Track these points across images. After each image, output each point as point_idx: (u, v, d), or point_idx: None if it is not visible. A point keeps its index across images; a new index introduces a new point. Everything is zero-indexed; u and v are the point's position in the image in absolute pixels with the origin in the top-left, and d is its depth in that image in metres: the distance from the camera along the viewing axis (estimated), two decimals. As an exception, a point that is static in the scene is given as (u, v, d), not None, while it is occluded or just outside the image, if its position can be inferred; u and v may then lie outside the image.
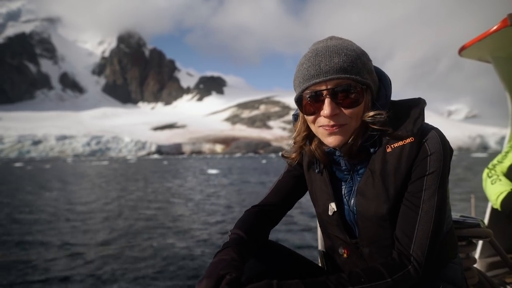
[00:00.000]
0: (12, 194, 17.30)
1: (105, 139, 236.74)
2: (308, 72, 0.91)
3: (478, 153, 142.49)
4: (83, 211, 11.93)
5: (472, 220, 1.38)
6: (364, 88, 0.91)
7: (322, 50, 0.91)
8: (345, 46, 0.92)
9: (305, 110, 0.96)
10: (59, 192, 18.22)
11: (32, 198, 15.41)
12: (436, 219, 0.90)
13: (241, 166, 49.85)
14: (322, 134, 0.96)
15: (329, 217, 1.07)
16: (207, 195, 16.33)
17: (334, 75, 0.88)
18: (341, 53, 0.89)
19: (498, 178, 2.04)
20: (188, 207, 12.74)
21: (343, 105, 0.90)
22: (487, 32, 2.04)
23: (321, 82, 0.90)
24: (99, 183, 23.92)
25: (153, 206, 13.05)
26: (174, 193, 17.57)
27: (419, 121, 0.94)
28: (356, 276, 0.84)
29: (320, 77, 0.89)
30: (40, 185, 21.85)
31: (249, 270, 0.96)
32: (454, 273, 1.06)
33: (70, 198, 15.46)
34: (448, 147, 0.94)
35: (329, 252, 1.16)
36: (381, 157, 0.95)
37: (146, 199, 14.90)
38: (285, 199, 1.18)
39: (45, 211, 11.85)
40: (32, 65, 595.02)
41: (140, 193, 17.48)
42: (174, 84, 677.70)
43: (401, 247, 0.91)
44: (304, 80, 0.93)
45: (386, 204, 0.94)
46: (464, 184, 18.89)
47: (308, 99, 0.93)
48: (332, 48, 0.91)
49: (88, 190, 19.47)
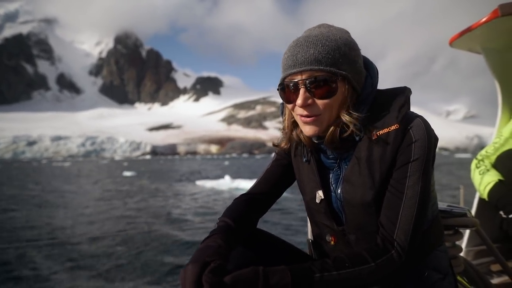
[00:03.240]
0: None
1: (99, 139, 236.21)
2: (287, 62, 0.93)
3: (460, 154, 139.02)
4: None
5: (460, 209, 1.40)
6: (340, 79, 0.91)
7: (302, 40, 0.93)
8: (327, 36, 0.92)
9: (285, 99, 0.98)
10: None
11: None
12: (420, 205, 0.92)
13: (165, 169, 43.57)
14: (300, 123, 0.99)
15: (317, 205, 1.08)
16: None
17: (308, 66, 0.89)
18: (318, 44, 0.90)
19: (486, 169, 2.06)
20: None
21: (316, 96, 0.91)
22: (478, 22, 2.03)
23: (296, 73, 0.92)
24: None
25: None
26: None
27: (404, 108, 0.95)
28: (340, 261, 0.86)
29: (296, 67, 0.91)
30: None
31: (237, 258, 0.97)
32: (439, 261, 1.07)
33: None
34: (433, 135, 0.96)
35: (317, 240, 1.17)
36: (367, 144, 0.96)
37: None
38: (273, 187, 1.18)
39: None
40: (29, 66, 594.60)
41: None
42: (171, 84, 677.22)
43: (385, 233, 0.93)
44: (284, 70, 0.95)
45: (372, 190, 0.95)
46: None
47: (286, 88, 0.95)
48: (312, 38, 0.92)
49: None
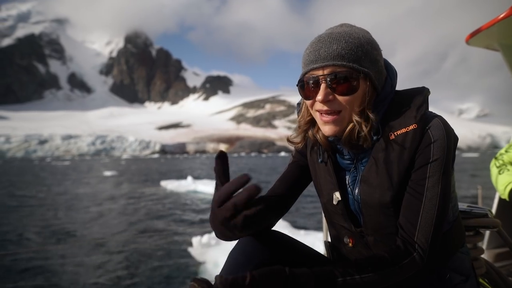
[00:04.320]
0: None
1: (109, 138, 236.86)
2: (309, 58, 0.93)
3: (467, 153, 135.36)
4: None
5: (480, 210, 1.36)
6: (362, 76, 0.90)
7: (325, 36, 0.93)
8: (350, 33, 0.92)
9: (304, 94, 0.98)
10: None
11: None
12: (440, 206, 0.90)
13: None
14: (320, 123, 0.98)
15: (334, 207, 1.07)
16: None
17: (330, 61, 0.89)
18: (341, 40, 0.90)
19: (506, 168, 2.02)
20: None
21: (337, 92, 0.91)
22: (495, 19, 1.98)
23: (318, 68, 0.91)
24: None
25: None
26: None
27: (422, 108, 0.94)
28: (362, 264, 0.85)
29: (318, 62, 0.91)
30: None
31: (255, 258, 0.96)
32: (461, 263, 1.06)
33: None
34: (453, 134, 0.94)
35: (335, 242, 1.16)
36: (384, 145, 0.95)
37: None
38: (290, 189, 1.17)
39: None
40: (41, 66, 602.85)
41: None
42: (181, 83, 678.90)
43: (405, 235, 0.91)
44: (305, 65, 0.95)
45: (390, 191, 0.94)
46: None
47: (307, 83, 0.95)
48: (335, 35, 0.92)
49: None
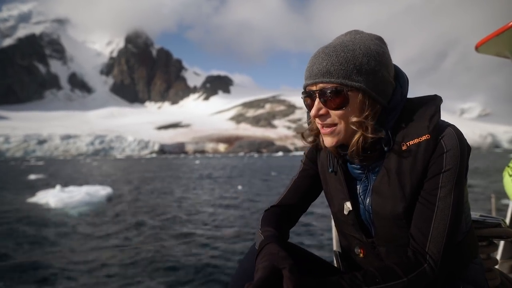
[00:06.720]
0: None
1: (108, 138, 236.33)
2: (306, 73, 0.97)
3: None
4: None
5: (493, 219, 1.33)
6: (353, 90, 0.91)
7: (320, 51, 0.95)
8: (345, 46, 0.92)
9: (307, 106, 1.01)
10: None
11: None
12: (453, 217, 0.89)
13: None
14: (321, 133, 1.01)
15: (345, 217, 1.06)
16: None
17: (320, 78, 0.92)
18: (332, 55, 0.91)
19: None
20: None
21: (328, 107, 0.93)
22: (506, 26, 1.97)
23: (312, 84, 0.95)
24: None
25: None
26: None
27: (435, 118, 0.93)
28: (370, 276, 0.83)
29: (311, 78, 0.94)
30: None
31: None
32: (475, 274, 1.03)
33: None
34: (466, 144, 0.93)
35: (345, 252, 1.15)
36: (397, 155, 0.94)
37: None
38: (301, 199, 1.17)
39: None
40: (42, 66, 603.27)
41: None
42: (181, 83, 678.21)
43: (416, 245, 0.90)
44: (304, 79, 0.99)
45: (403, 202, 0.93)
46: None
47: (306, 97, 0.99)
48: (329, 49, 0.93)
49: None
